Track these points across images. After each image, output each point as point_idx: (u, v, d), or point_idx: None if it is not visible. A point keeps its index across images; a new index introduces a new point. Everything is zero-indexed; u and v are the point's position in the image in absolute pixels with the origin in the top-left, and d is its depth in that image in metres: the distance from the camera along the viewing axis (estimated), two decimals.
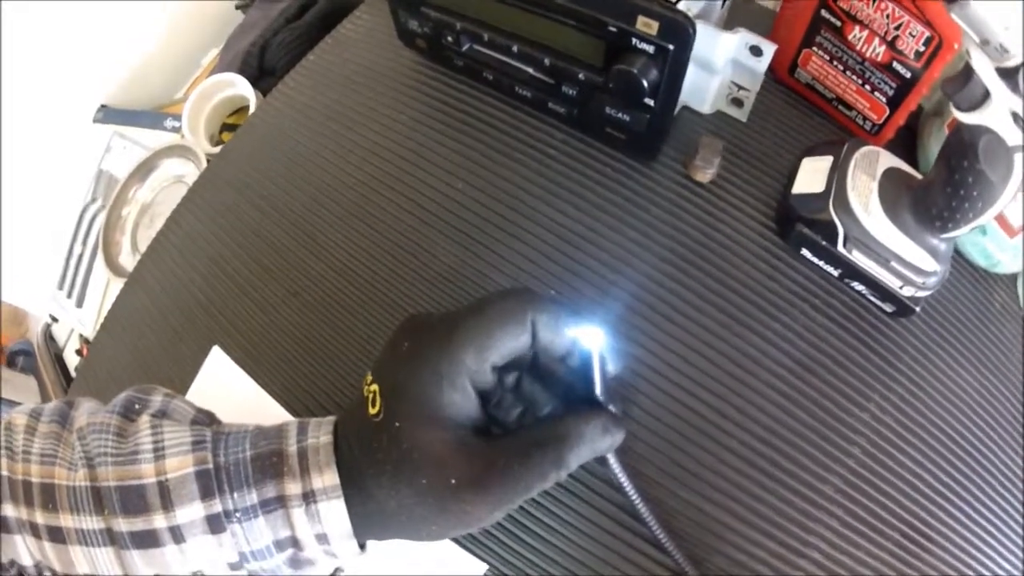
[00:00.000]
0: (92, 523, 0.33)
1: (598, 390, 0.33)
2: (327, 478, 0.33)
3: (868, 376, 0.46)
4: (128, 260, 0.85)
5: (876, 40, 0.45)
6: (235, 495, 0.33)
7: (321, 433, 0.34)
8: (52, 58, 0.87)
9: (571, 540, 0.42)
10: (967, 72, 0.34)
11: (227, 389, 0.47)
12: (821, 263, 0.47)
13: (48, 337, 0.99)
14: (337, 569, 0.42)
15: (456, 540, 0.42)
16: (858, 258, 0.45)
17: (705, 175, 0.50)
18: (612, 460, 0.35)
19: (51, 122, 0.91)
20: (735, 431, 0.44)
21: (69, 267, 0.92)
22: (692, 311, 0.47)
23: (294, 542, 0.34)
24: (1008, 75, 0.33)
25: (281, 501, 0.33)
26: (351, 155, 0.55)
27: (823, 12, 0.47)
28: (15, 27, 0.81)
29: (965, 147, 0.37)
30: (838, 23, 0.46)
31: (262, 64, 0.75)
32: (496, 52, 0.50)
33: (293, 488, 0.33)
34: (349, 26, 0.61)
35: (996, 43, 0.31)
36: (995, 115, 0.34)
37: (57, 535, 0.33)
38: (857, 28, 0.45)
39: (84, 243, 0.91)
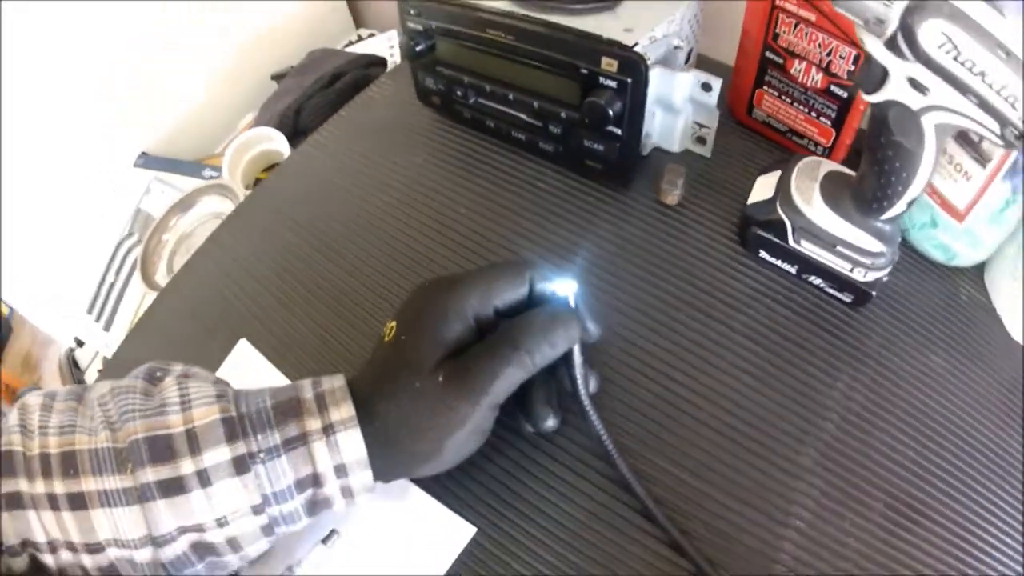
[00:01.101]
0: (115, 483, 0.34)
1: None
2: (344, 410, 0.37)
3: (834, 359, 0.49)
4: (163, 279, 0.90)
5: (814, 69, 0.52)
6: (259, 437, 0.36)
7: (335, 380, 0.39)
8: (98, 106, 0.95)
9: (555, 504, 0.45)
10: (866, 57, 0.41)
11: (251, 377, 0.52)
12: (778, 262, 0.52)
13: (72, 363, 1.02)
14: (333, 531, 0.44)
15: (447, 504, 0.45)
16: (808, 248, 0.49)
17: (672, 197, 0.56)
18: (576, 356, 0.40)
19: (93, 163, 0.98)
20: (709, 407, 0.47)
21: (100, 294, 0.97)
22: (664, 306, 0.52)
23: (315, 480, 0.37)
24: (892, 47, 0.39)
25: (303, 438, 0.36)
26: (373, 188, 0.63)
27: (767, 53, 0.55)
28: (66, 74, 0.90)
29: (879, 125, 0.42)
30: (781, 60, 0.54)
31: (297, 124, 0.85)
32: (496, 103, 0.59)
33: (313, 424, 0.37)
34: (375, 89, 0.72)
35: (872, 18, 0.38)
36: (896, 87, 0.39)
37: (78, 501, 0.34)
38: (797, 61, 0.53)
39: (117, 273, 0.96)
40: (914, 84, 0.39)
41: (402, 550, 0.44)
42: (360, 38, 1.16)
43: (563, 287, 0.40)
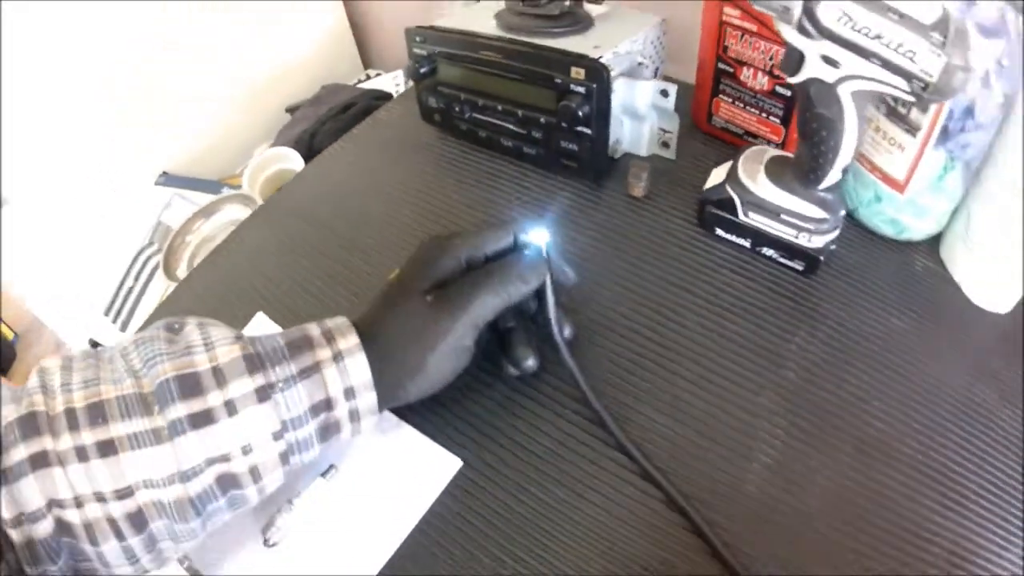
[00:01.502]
0: (144, 425, 0.37)
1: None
2: (350, 339, 0.43)
3: (790, 318, 0.54)
4: (184, 274, 0.96)
5: (760, 74, 0.60)
6: (277, 369, 0.40)
7: (337, 319, 0.45)
8: (123, 128, 1.04)
9: (534, 439, 0.50)
10: (785, 45, 0.48)
11: None
12: (733, 237, 0.59)
13: None
14: (331, 466, 0.50)
15: (436, 440, 0.50)
16: (756, 220, 0.56)
17: (639, 189, 0.63)
18: (548, 298, 0.47)
19: (117, 180, 1.07)
20: (675, 359, 0.53)
21: (119, 297, 1.03)
22: (635, 279, 0.58)
23: (327, 404, 0.41)
24: (801, 29, 0.46)
25: (316, 367, 0.41)
26: (381, 190, 0.71)
27: (720, 64, 0.63)
28: (95, 99, 1.00)
29: (804, 102, 0.49)
30: (731, 69, 0.62)
31: (311, 146, 0.95)
32: (487, 115, 0.67)
33: (324, 354, 0.42)
34: (383, 112, 0.82)
35: (781, 8, 0.45)
36: (812, 66, 0.46)
37: (107, 448, 0.36)
38: (745, 68, 0.61)
39: (136, 278, 1.03)
40: (826, 60, 0.45)
41: (395, 481, 0.49)
42: (368, 77, 1.27)
43: (537, 236, 0.47)
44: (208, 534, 0.42)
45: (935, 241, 0.59)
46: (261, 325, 0.59)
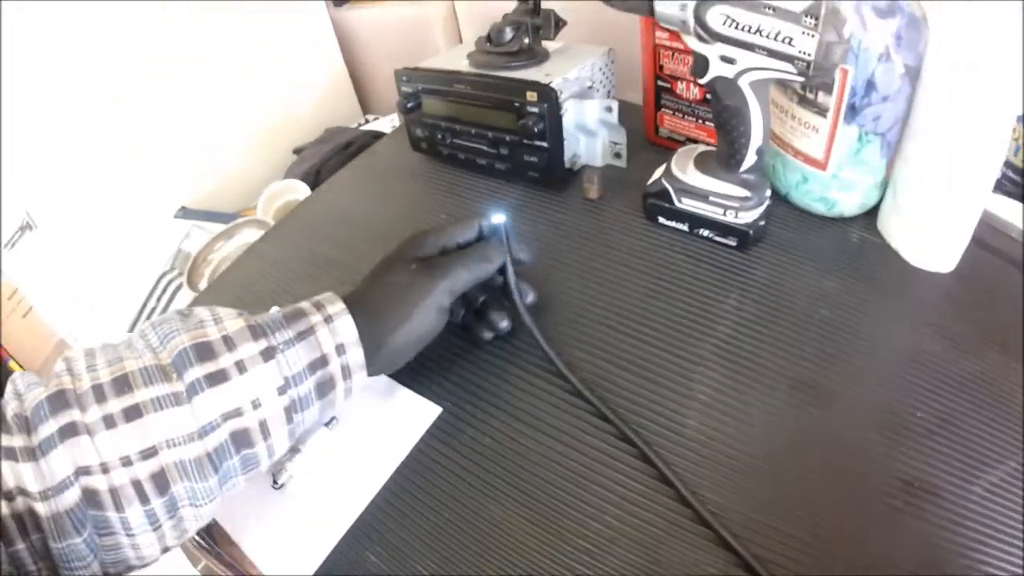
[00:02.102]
0: (165, 389, 0.41)
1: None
2: (336, 306, 0.50)
3: (725, 283, 0.62)
4: (205, 286, 1.05)
5: (691, 86, 0.71)
6: (277, 335, 0.46)
7: (325, 293, 0.52)
8: (145, 164, 1.17)
9: (505, 390, 0.58)
10: (692, 53, 0.57)
11: None
12: (673, 223, 0.68)
13: None
14: (333, 417, 0.58)
15: (421, 393, 0.59)
16: (689, 204, 0.65)
17: (593, 192, 0.73)
18: (509, 272, 0.56)
19: (137, 214, 1.19)
20: (622, 319, 0.61)
21: (142, 317, 1.14)
22: (590, 262, 0.67)
23: (323, 361, 0.47)
24: (699, 37, 0.55)
25: (311, 330, 0.47)
26: (380, 208, 0.82)
27: (659, 82, 0.73)
28: (117, 139, 1.12)
29: (714, 98, 0.58)
30: (668, 85, 0.73)
31: (317, 181, 1.07)
32: (464, 140, 0.78)
33: (316, 318, 0.48)
34: (379, 145, 0.94)
35: (679, 22, 0.55)
36: (715, 66, 0.55)
37: (133, 412, 0.40)
38: (679, 83, 0.72)
39: (159, 300, 1.13)
40: (724, 59, 0.55)
41: (385, 427, 0.57)
42: (367, 120, 1.41)
43: (496, 218, 0.57)
44: (225, 500, 0.46)
45: (871, 217, 0.64)
46: None
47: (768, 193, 0.63)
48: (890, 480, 0.48)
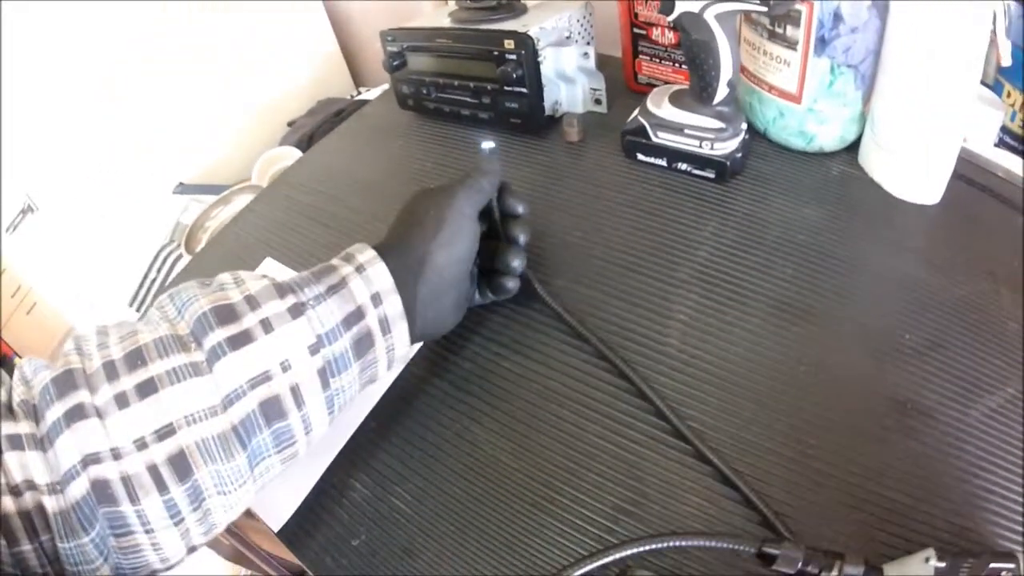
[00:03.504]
0: (182, 359, 0.37)
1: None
2: (367, 255, 0.46)
3: (703, 212, 0.63)
4: None
5: (666, 31, 0.72)
6: (306, 290, 0.43)
7: (354, 244, 0.48)
8: (143, 143, 1.20)
9: (487, 316, 0.60)
10: None
11: None
12: (651, 159, 0.69)
13: None
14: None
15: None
16: (665, 138, 0.66)
17: (573, 135, 0.75)
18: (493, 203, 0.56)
19: (138, 189, 1.22)
20: (604, 247, 0.63)
21: (142, 289, 1.16)
22: (572, 198, 0.69)
23: (358, 313, 0.43)
24: None
25: (343, 282, 0.44)
26: (368, 164, 0.83)
27: (635, 29, 0.75)
28: (118, 119, 1.16)
29: (682, 33, 0.60)
30: (644, 32, 0.74)
31: (310, 146, 1.08)
32: (449, 92, 0.80)
33: (347, 269, 0.45)
34: (368, 108, 0.96)
35: None
36: (681, 3, 0.57)
37: (148, 387, 0.36)
38: (654, 29, 0.73)
39: (159, 271, 1.16)
40: None
41: None
42: (359, 92, 1.43)
43: (486, 143, 0.58)
44: (259, 488, 0.41)
45: (853, 152, 0.65)
46: (270, 268, 0.71)
47: (744, 126, 0.65)
48: (881, 400, 0.48)
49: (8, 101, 1.01)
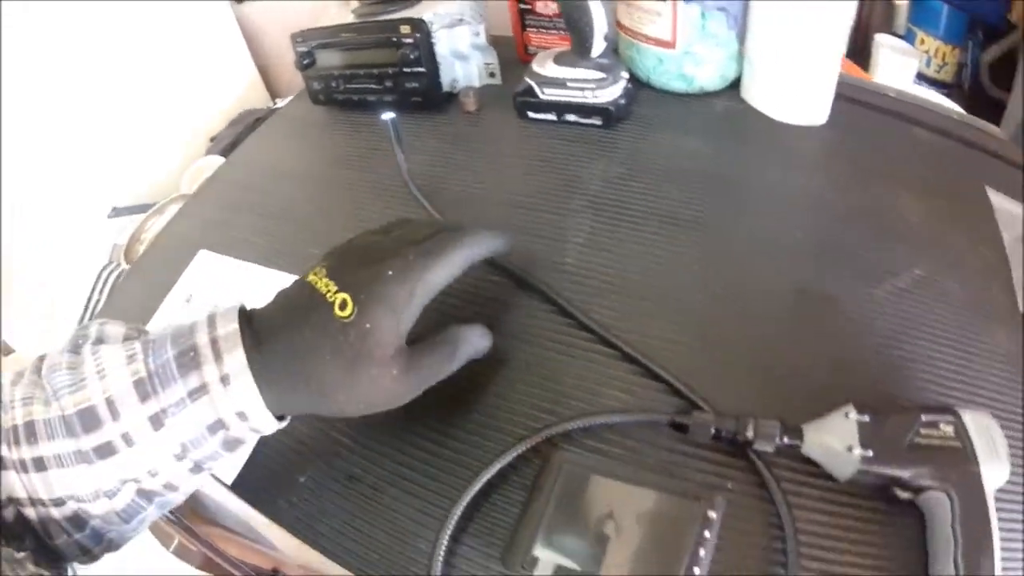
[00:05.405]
0: (66, 446, 0.38)
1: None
2: (236, 357, 0.39)
3: (592, 152, 0.70)
4: None
5: (549, 3, 0.79)
6: (166, 392, 0.39)
7: (228, 323, 0.41)
8: (75, 174, 1.24)
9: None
10: None
11: (216, 279, 0.71)
12: (542, 115, 0.76)
13: None
14: None
15: None
16: (551, 93, 0.73)
17: (471, 105, 0.82)
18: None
19: (72, 219, 1.25)
20: (505, 195, 0.69)
21: (88, 311, 1.18)
22: (476, 156, 0.75)
23: (222, 424, 0.40)
24: None
25: (204, 388, 0.39)
26: (287, 159, 0.88)
27: (521, 4, 0.82)
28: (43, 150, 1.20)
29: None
30: (529, 6, 0.81)
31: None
32: (356, 83, 0.86)
33: (211, 374, 0.39)
34: (283, 109, 1.00)
35: None
36: None
37: (39, 464, 0.38)
38: (539, 2, 0.80)
39: (101, 292, 1.19)
40: None
41: None
42: (276, 103, 1.50)
43: (386, 114, 0.64)
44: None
45: (735, 90, 0.70)
46: (204, 261, 0.74)
47: (624, 73, 0.72)
48: (780, 292, 0.51)
49: None
